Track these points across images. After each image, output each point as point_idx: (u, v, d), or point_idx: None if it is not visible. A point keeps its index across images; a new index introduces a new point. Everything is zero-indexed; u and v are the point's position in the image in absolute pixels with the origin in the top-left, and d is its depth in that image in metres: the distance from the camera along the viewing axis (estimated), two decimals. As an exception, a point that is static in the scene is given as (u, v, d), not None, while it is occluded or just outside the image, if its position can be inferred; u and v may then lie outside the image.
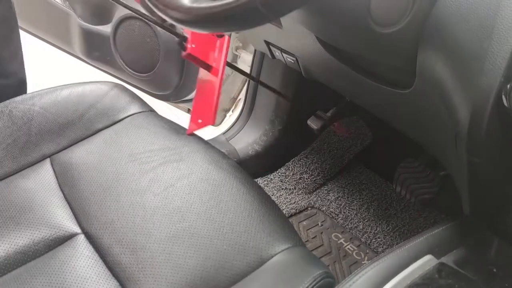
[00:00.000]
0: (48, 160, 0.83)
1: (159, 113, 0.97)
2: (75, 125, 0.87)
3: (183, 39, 0.85)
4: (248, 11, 0.45)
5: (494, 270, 0.56)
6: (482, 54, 0.48)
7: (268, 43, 0.99)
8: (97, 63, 1.36)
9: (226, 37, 0.86)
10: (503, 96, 0.46)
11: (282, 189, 1.31)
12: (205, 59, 0.88)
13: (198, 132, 0.89)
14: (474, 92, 0.49)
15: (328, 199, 1.27)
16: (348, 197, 1.27)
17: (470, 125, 0.51)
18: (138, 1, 1.01)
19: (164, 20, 0.79)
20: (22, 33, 1.52)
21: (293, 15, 0.75)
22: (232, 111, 1.48)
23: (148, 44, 1.18)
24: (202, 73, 0.89)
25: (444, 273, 0.52)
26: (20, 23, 1.49)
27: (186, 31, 0.84)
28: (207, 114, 0.89)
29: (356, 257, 1.14)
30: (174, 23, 0.50)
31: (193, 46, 0.85)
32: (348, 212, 1.23)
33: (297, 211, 1.25)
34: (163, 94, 1.29)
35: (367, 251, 1.15)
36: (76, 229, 0.74)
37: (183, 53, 0.85)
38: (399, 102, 0.71)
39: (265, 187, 1.31)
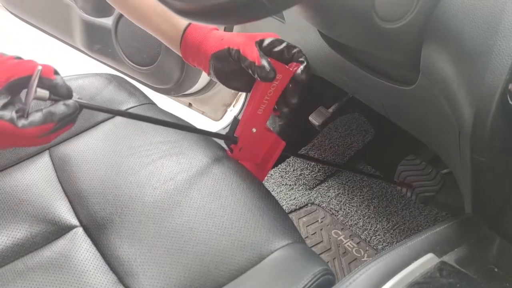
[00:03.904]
0: (47, 152, 0.83)
1: (160, 106, 0.96)
2: (75, 117, 0.87)
3: (231, 140, 0.81)
4: (250, 3, 0.44)
5: (495, 270, 0.55)
6: (487, 51, 0.48)
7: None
8: (98, 56, 1.36)
9: (283, 143, 0.83)
10: (508, 94, 0.46)
11: (282, 185, 1.30)
12: (252, 159, 0.85)
13: (199, 127, 0.88)
14: (478, 89, 0.49)
15: (329, 196, 1.27)
16: (348, 194, 1.27)
17: (474, 123, 0.50)
18: None
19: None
20: (23, 24, 1.52)
21: (296, 9, 0.74)
22: (233, 106, 1.48)
23: (149, 37, 1.17)
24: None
25: (445, 272, 0.51)
26: (20, 14, 1.49)
27: (237, 133, 0.81)
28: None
29: (355, 254, 1.14)
30: (175, 13, 0.50)
31: (241, 149, 0.82)
32: (348, 209, 1.23)
33: (297, 207, 1.25)
34: (164, 88, 1.29)
35: (367, 248, 1.15)
36: (74, 222, 0.73)
37: (229, 153, 0.83)
38: (402, 98, 0.71)
39: (265, 183, 1.31)
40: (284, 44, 0.73)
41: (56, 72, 0.59)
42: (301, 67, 0.74)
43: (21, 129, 0.55)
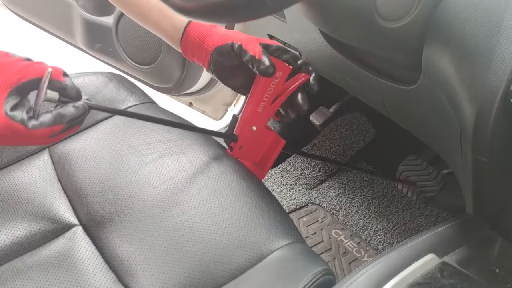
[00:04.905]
0: (46, 151, 0.82)
1: (160, 105, 0.96)
2: (75, 115, 0.86)
3: (230, 139, 0.81)
4: (252, 1, 0.44)
5: (497, 270, 0.55)
6: (489, 51, 0.47)
7: (271, 37, 0.98)
8: (99, 55, 1.35)
9: (282, 142, 0.83)
10: (511, 94, 0.46)
11: (283, 184, 1.30)
12: (252, 157, 0.86)
13: (200, 126, 0.88)
14: (480, 89, 0.49)
15: (329, 196, 1.27)
16: (349, 194, 1.27)
17: (476, 123, 0.50)
18: None
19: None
20: (24, 23, 1.52)
21: (297, 8, 0.74)
22: (234, 105, 1.48)
23: (150, 36, 1.17)
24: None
25: (446, 273, 0.51)
26: (22, 13, 1.49)
27: (237, 131, 0.81)
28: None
29: (356, 254, 1.13)
30: (176, 12, 0.49)
31: (241, 148, 0.82)
32: (349, 209, 1.23)
33: (298, 207, 1.25)
34: (164, 87, 1.28)
35: (367, 248, 1.14)
36: (73, 220, 0.73)
37: (229, 151, 0.83)
38: (404, 98, 0.70)
39: (266, 182, 1.30)
40: (289, 54, 0.74)
41: (65, 74, 0.60)
42: (313, 76, 0.75)
43: (31, 130, 0.56)
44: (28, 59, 0.58)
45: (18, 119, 0.54)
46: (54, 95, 0.58)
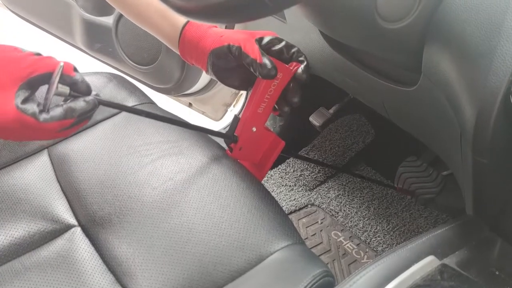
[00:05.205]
0: (45, 151, 0.82)
1: (160, 106, 0.96)
2: (74, 116, 0.86)
3: (231, 139, 0.81)
4: (252, 1, 0.44)
5: (497, 273, 0.55)
6: (490, 52, 0.47)
7: (271, 38, 0.98)
8: (99, 55, 1.35)
9: (282, 143, 0.83)
10: (511, 96, 0.46)
11: (282, 185, 1.30)
12: (252, 158, 0.86)
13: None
14: (481, 90, 0.48)
15: (329, 197, 1.26)
16: (348, 195, 1.27)
17: (476, 124, 0.50)
18: None
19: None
20: (23, 23, 1.51)
21: (297, 9, 0.74)
22: (234, 106, 1.47)
23: (150, 36, 1.17)
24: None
25: (446, 275, 0.51)
26: (21, 13, 1.49)
27: (238, 132, 0.80)
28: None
29: (355, 255, 1.13)
30: (176, 12, 0.49)
31: (241, 149, 0.82)
32: (348, 210, 1.22)
33: (297, 208, 1.24)
34: (164, 87, 1.28)
35: (367, 250, 1.14)
36: (72, 221, 0.73)
37: (228, 152, 0.83)
38: (404, 99, 0.70)
39: (265, 184, 1.30)
40: (283, 43, 0.73)
41: (75, 69, 0.60)
42: (302, 66, 0.74)
43: (42, 123, 0.56)
44: (38, 54, 0.58)
45: (29, 112, 0.55)
46: (65, 89, 0.59)
